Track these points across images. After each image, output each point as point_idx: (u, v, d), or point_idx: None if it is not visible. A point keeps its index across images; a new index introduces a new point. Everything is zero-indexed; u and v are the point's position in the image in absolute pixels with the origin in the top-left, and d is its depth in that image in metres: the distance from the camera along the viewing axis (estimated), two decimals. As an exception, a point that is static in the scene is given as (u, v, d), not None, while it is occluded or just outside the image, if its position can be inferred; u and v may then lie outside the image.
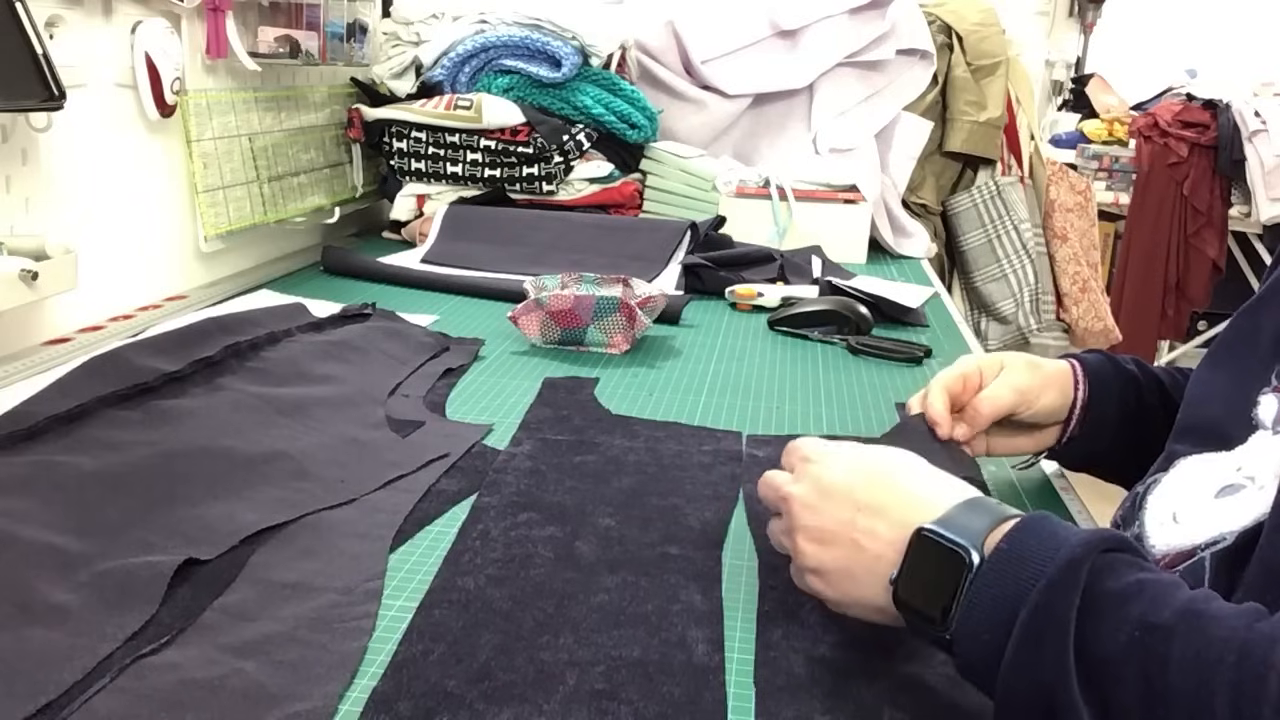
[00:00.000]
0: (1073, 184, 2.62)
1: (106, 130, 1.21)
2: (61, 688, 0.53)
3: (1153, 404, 0.82)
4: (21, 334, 1.10)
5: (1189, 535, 0.61)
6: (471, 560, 0.69)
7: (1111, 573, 0.48)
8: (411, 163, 1.76)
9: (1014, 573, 0.48)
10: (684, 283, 1.49)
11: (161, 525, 0.70)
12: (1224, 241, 3.53)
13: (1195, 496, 0.62)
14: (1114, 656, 0.45)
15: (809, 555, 0.58)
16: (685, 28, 2.03)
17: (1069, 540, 0.49)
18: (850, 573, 0.56)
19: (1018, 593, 0.47)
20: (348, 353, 1.07)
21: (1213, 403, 0.68)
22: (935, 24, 2.29)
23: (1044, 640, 0.46)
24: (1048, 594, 0.47)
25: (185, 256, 1.38)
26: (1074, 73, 3.98)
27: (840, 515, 0.57)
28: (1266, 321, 0.67)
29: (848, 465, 0.59)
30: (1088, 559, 0.47)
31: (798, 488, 0.60)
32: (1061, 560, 0.47)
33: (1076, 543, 0.48)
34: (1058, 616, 0.46)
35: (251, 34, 1.45)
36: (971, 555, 0.50)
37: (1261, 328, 0.67)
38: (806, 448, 0.62)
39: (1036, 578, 0.47)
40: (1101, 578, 0.47)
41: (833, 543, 0.57)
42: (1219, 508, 0.60)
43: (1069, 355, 0.84)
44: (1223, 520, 0.59)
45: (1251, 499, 0.58)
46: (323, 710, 0.52)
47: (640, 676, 0.57)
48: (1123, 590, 0.47)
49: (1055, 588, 0.47)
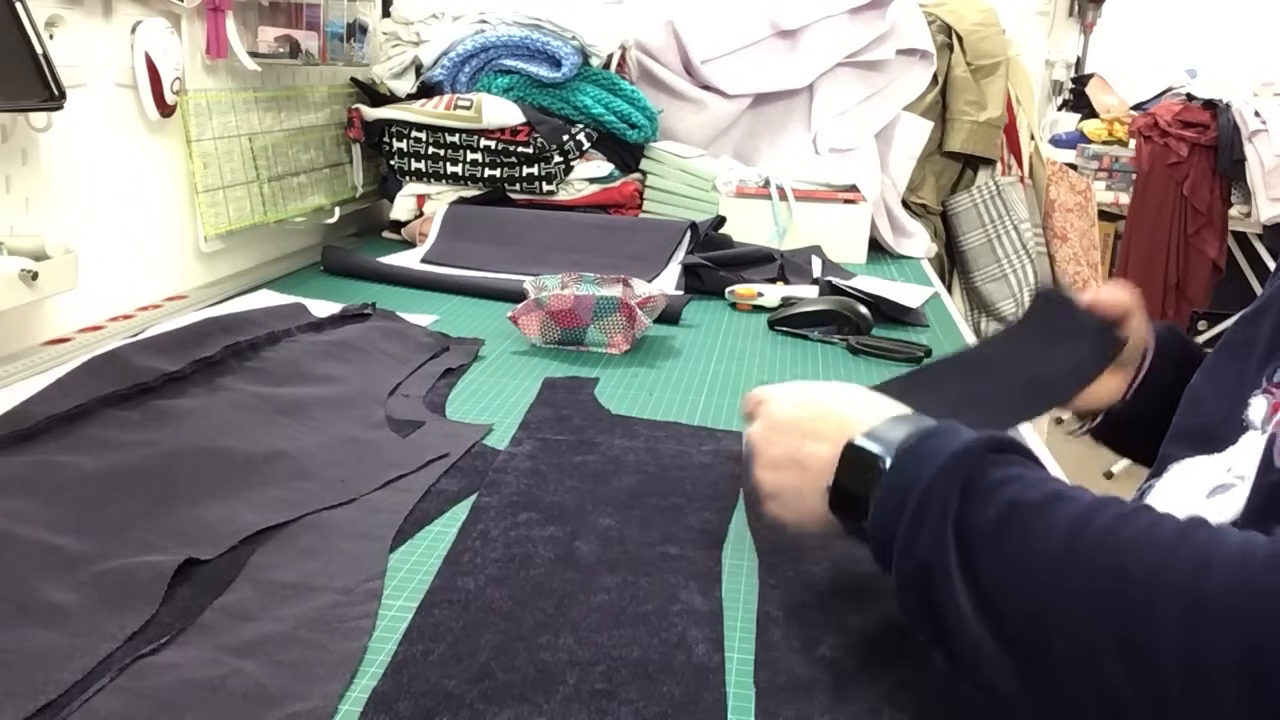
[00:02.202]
0: (1073, 184, 2.62)
1: (106, 130, 1.21)
2: (61, 688, 0.53)
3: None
4: (21, 334, 1.10)
5: None
6: (471, 560, 0.69)
7: (996, 466, 0.53)
8: (411, 163, 1.76)
9: (913, 466, 0.54)
10: (684, 283, 1.49)
11: (161, 525, 0.70)
12: (1224, 241, 3.53)
13: (1187, 498, 0.63)
14: (986, 532, 0.50)
15: (766, 483, 0.63)
16: (685, 28, 2.03)
17: (963, 438, 0.54)
18: (800, 492, 0.61)
19: (913, 483, 0.53)
20: (348, 353, 1.07)
21: (1207, 408, 0.69)
22: (935, 24, 2.29)
23: (924, 521, 0.51)
24: (933, 481, 0.52)
25: (185, 256, 1.38)
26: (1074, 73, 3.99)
27: (789, 444, 0.62)
28: (1262, 330, 0.68)
29: (795, 400, 0.64)
30: (974, 453, 0.53)
31: (755, 426, 0.66)
32: (949, 453, 0.53)
33: (968, 440, 0.53)
34: (938, 499, 0.51)
35: (251, 34, 1.45)
36: (884, 460, 0.55)
37: (1257, 336, 0.68)
38: (762, 392, 0.68)
39: (929, 469, 0.53)
40: (985, 469, 0.52)
41: (784, 468, 0.62)
42: (1210, 508, 0.60)
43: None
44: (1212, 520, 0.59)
45: (1240, 496, 0.59)
46: (323, 710, 0.52)
47: (640, 676, 0.57)
48: (1002, 479, 0.52)
49: (939, 475, 0.52)
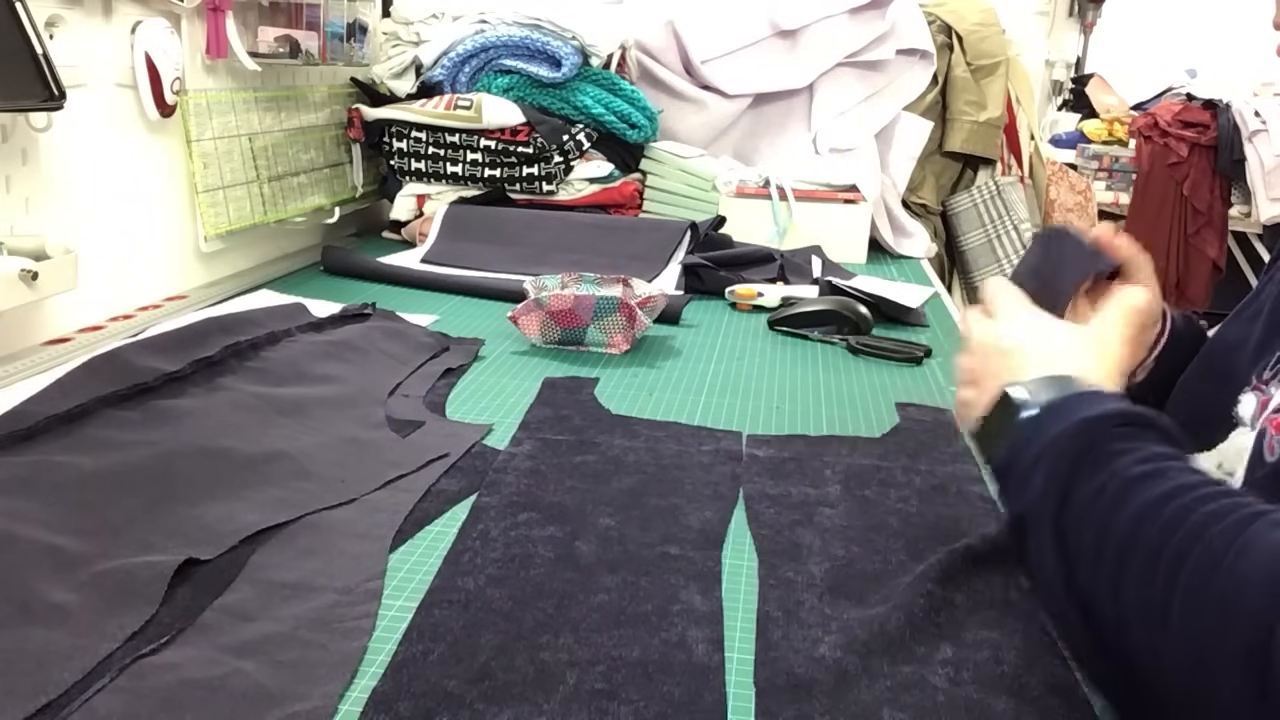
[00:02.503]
0: (1073, 184, 2.63)
1: (106, 130, 1.21)
2: (61, 688, 0.53)
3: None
4: (21, 334, 1.10)
5: None
6: (471, 560, 0.69)
7: (1118, 438, 0.54)
8: (411, 163, 1.76)
9: (1049, 422, 0.57)
10: (684, 283, 1.49)
11: (161, 525, 0.70)
12: (1224, 241, 3.53)
13: None
14: (1082, 496, 0.53)
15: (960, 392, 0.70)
16: (685, 28, 2.03)
17: (1101, 407, 0.56)
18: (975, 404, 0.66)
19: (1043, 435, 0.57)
20: (348, 353, 1.07)
21: (1200, 405, 0.69)
22: (935, 24, 2.29)
23: (1038, 470, 0.55)
24: (1056, 439, 0.55)
25: (185, 256, 1.38)
26: (1074, 73, 3.99)
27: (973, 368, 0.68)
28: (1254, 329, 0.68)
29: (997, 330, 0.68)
30: (1103, 423, 0.55)
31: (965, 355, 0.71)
32: (1080, 417, 0.56)
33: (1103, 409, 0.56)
34: (1055, 456, 0.55)
35: (251, 34, 1.45)
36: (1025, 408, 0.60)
37: (1249, 335, 0.68)
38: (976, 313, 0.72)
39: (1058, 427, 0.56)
40: (1107, 439, 0.54)
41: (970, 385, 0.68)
42: None
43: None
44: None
45: None
46: (323, 710, 0.52)
47: (640, 676, 0.57)
48: (1118, 450, 0.53)
49: (1064, 435, 0.55)
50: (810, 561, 0.71)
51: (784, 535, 0.75)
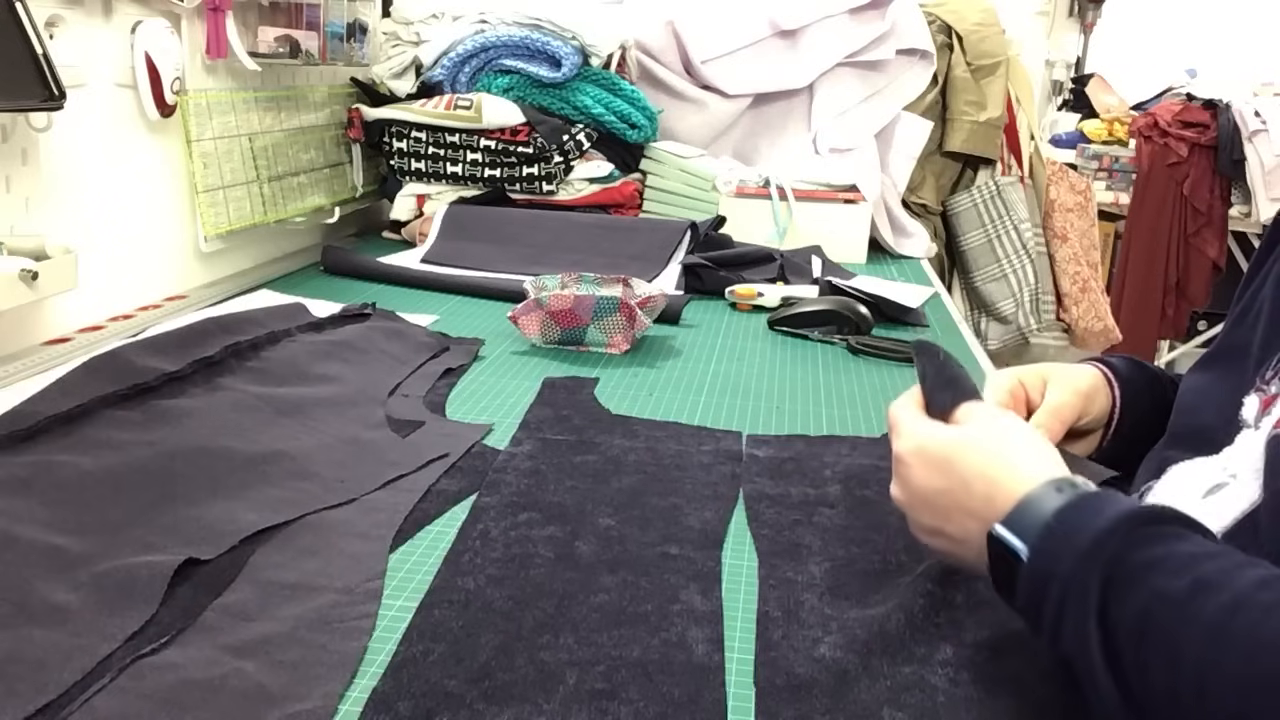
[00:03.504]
0: (1073, 184, 2.62)
1: (106, 130, 1.21)
2: (61, 688, 0.53)
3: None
4: (21, 334, 1.10)
5: None
6: (471, 560, 0.69)
7: (1139, 545, 0.49)
8: (411, 163, 1.76)
9: (1054, 551, 0.51)
10: (684, 283, 1.49)
11: (161, 525, 0.70)
12: (1224, 241, 3.53)
13: (1184, 499, 0.63)
14: (1129, 627, 0.47)
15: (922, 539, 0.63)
16: (685, 28, 2.03)
17: (1106, 515, 0.51)
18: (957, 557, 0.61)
19: (1053, 570, 0.51)
20: (348, 353, 1.07)
21: (1205, 410, 0.68)
22: (935, 24, 2.29)
23: (1066, 613, 0.49)
24: (1075, 570, 0.49)
25: (185, 256, 1.38)
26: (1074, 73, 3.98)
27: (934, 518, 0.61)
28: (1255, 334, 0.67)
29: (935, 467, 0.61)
30: (1116, 534, 0.49)
31: (897, 488, 0.64)
32: (1091, 536, 0.50)
33: (1111, 517, 0.50)
34: (1079, 590, 0.49)
35: (251, 34, 1.45)
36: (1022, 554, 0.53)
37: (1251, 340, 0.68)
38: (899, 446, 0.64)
39: (1069, 556, 0.50)
40: (1128, 552, 0.49)
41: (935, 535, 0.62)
42: (1205, 508, 0.60)
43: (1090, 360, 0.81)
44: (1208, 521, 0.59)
45: (1232, 495, 0.59)
46: (323, 710, 0.52)
47: (640, 676, 0.57)
48: (1145, 562, 0.48)
49: (1081, 563, 0.49)
50: (810, 561, 0.71)
51: (784, 535, 0.75)
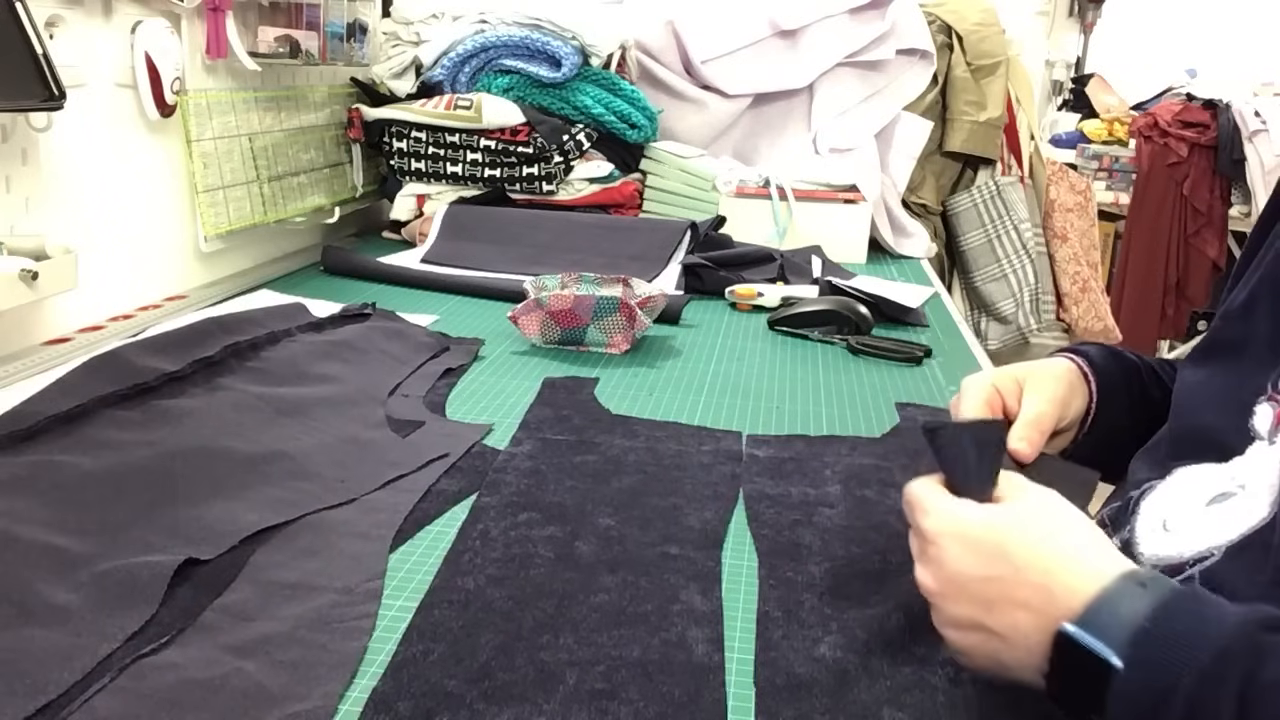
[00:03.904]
0: (1073, 184, 2.62)
1: (106, 130, 1.21)
2: (61, 688, 0.53)
3: (1155, 396, 0.79)
4: (21, 334, 1.10)
5: (1178, 546, 0.60)
6: (471, 560, 0.69)
7: (1273, 658, 0.44)
8: (411, 163, 1.76)
9: (1161, 658, 0.45)
10: (684, 283, 1.49)
11: (161, 525, 0.70)
12: (1224, 241, 3.53)
13: (1187, 505, 0.62)
14: None
15: (949, 638, 0.55)
16: (685, 28, 2.03)
17: (1222, 621, 0.45)
18: (996, 660, 0.53)
19: (1167, 683, 0.45)
20: (348, 353, 1.07)
21: (1207, 410, 0.66)
22: (935, 24, 2.29)
23: None
24: (1200, 686, 0.44)
25: (185, 256, 1.38)
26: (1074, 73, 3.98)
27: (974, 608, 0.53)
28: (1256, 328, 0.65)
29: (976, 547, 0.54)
30: (1243, 642, 0.44)
31: (925, 572, 0.56)
32: (1214, 647, 0.44)
33: (1232, 624, 0.45)
34: (1209, 709, 0.43)
35: (251, 34, 1.45)
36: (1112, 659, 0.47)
37: (1250, 334, 0.65)
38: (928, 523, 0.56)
39: (1187, 665, 0.44)
40: (1263, 664, 0.43)
41: (972, 630, 0.54)
42: (1209, 517, 0.59)
43: (1066, 350, 0.79)
44: (1211, 533, 0.58)
45: (1240, 507, 0.58)
46: (323, 710, 0.52)
47: (640, 676, 0.57)
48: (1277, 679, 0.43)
49: (1208, 679, 0.44)
50: (810, 561, 0.71)
51: (784, 535, 0.75)
